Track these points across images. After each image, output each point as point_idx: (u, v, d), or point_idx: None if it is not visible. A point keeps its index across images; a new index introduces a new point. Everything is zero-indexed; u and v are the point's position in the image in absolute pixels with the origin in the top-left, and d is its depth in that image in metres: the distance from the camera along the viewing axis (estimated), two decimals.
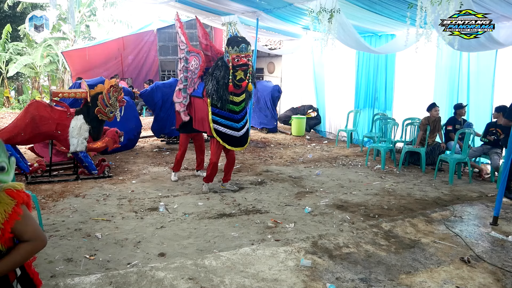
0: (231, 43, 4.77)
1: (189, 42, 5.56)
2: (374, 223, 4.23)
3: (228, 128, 5.00)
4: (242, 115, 5.08)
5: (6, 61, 16.52)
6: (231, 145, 5.08)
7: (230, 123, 4.99)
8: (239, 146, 5.15)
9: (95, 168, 5.84)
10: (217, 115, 4.99)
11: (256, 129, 10.56)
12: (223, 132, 5.01)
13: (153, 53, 14.72)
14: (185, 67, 5.46)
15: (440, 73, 7.35)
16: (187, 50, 5.44)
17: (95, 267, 3.22)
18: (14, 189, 1.52)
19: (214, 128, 5.00)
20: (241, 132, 5.08)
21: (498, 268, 3.31)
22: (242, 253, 3.43)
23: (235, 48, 4.72)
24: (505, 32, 5.52)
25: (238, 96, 4.93)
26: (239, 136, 5.07)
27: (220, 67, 4.88)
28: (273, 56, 12.64)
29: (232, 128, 5.01)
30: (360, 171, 6.67)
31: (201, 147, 6.07)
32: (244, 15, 8.23)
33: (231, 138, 5.04)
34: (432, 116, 6.63)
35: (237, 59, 4.71)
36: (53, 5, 6.07)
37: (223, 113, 4.97)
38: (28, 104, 5.71)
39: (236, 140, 5.08)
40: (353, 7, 6.07)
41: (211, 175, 5.33)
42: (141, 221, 4.27)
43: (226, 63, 4.86)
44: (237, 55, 4.71)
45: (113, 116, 5.83)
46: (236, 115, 5.01)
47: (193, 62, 5.34)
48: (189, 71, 5.42)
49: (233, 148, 5.13)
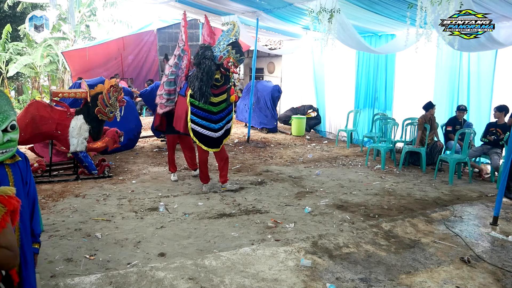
0: (236, 48, 4.80)
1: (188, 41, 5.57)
2: (374, 223, 4.23)
3: (204, 128, 5.01)
4: (221, 116, 5.07)
5: (6, 61, 16.51)
6: (207, 145, 5.10)
7: (206, 124, 5.01)
8: (215, 147, 5.16)
9: (95, 168, 5.84)
10: (195, 115, 5.00)
11: (256, 129, 10.56)
12: (199, 132, 5.03)
13: (153, 53, 14.72)
14: (176, 63, 5.48)
15: (440, 73, 7.35)
16: (183, 48, 5.46)
17: (95, 267, 3.22)
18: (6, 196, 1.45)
19: (192, 127, 5.03)
20: (219, 133, 5.08)
21: (498, 268, 3.31)
22: (242, 253, 3.43)
23: (237, 56, 4.79)
24: (505, 32, 5.52)
25: (216, 97, 4.95)
26: (215, 137, 5.08)
27: (206, 60, 4.81)
28: (273, 56, 12.65)
29: (209, 128, 5.02)
30: (360, 171, 6.67)
31: (189, 145, 6.00)
32: (244, 15, 8.24)
33: (208, 138, 5.06)
34: (428, 115, 6.66)
35: (232, 64, 4.79)
36: (53, 5, 6.09)
37: (201, 113, 4.98)
38: (28, 104, 5.71)
39: (212, 141, 5.09)
40: (353, 7, 6.07)
41: (203, 174, 5.39)
42: (141, 221, 4.27)
43: (214, 57, 4.83)
44: (234, 62, 4.79)
45: (113, 116, 5.83)
46: (214, 115, 5.01)
47: (185, 61, 5.38)
48: (180, 69, 5.46)
49: (208, 149, 5.13)
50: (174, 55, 5.54)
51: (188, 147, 6.01)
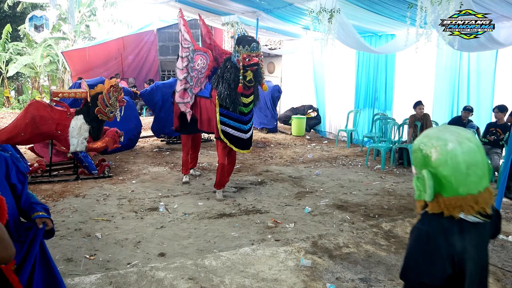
0: (242, 42, 4.61)
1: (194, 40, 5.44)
2: (374, 223, 4.23)
3: (235, 129, 4.88)
4: (250, 117, 4.97)
5: (6, 61, 16.51)
6: (238, 147, 4.96)
7: (238, 125, 4.87)
8: (245, 148, 5.02)
9: (95, 168, 5.84)
10: (225, 116, 4.86)
11: (256, 129, 10.56)
12: (230, 134, 4.89)
13: (153, 53, 14.73)
14: (190, 67, 5.26)
15: (440, 73, 7.34)
16: (192, 48, 5.23)
17: (95, 267, 3.22)
18: None
19: (222, 129, 4.88)
20: (248, 134, 4.97)
21: (498, 268, 3.31)
22: (242, 253, 3.43)
23: (246, 47, 4.56)
24: (505, 32, 5.51)
25: (247, 97, 4.82)
26: (246, 138, 4.96)
27: (229, 69, 4.71)
28: (273, 56, 12.64)
29: (240, 130, 4.89)
30: (360, 171, 6.67)
31: (197, 145, 6.03)
32: (244, 15, 8.23)
33: (238, 140, 4.92)
34: (418, 114, 6.70)
35: (248, 59, 4.56)
36: (53, 5, 6.07)
37: (232, 114, 4.84)
38: (28, 104, 5.71)
39: (243, 142, 4.96)
40: (353, 7, 6.06)
41: (221, 179, 5.13)
42: (141, 221, 4.27)
43: (235, 64, 4.70)
44: (248, 54, 4.55)
45: (113, 116, 5.83)
46: (245, 116, 4.89)
47: (200, 61, 5.16)
48: (195, 71, 5.21)
49: (240, 151, 5.00)
50: (182, 57, 5.31)
51: (196, 147, 6.03)
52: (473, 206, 1.28)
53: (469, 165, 1.26)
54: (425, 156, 1.31)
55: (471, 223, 1.29)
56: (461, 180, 1.26)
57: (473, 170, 1.26)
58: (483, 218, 1.29)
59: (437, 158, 1.28)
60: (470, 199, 1.27)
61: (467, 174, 1.26)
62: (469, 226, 1.29)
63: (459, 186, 1.27)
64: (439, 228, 1.28)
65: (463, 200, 1.27)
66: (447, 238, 1.27)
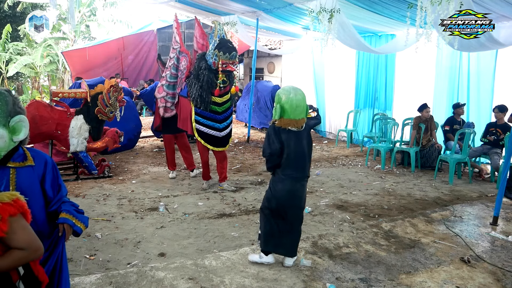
0: (223, 48, 4.82)
1: (183, 42, 5.65)
2: (374, 223, 4.23)
3: (209, 128, 5.09)
4: (225, 116, 5.16)
5: (6, 61, 16.50)
6: (213, 145, 5.19)
7: (211, 123, 5.09)
8: (221, 146, 5.25)
9: (95, 168, 5.84)
10: (199, 115, 5.08)
11: (256, 129, 10.56)
12: (204, 132, 5.11)
13: (153, 53, 14.69)
14: (175, 65, 5.58)
15: (440, 73, 7.34)
16: (179, 50, 5.54)
17: (95, 267, 3.22)
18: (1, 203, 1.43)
19: (196, 128, 5.11)
20: (223, 132, 5.17)
21: (498, 268, 3.31)
22: (242, 253, 3.43)
23: (227, 54, 4.82)
24: (505, 32, 5.51)
25: (221, 97, 5.05)
26: (220, 137, 5.16)
27: (203, 71, 4.94)
28: (273, 56, 12.65)
29: (214, 128, 5.10)
30: (360, 171, 6.67)
31: (185, 145, 6.07)
32: (244, 15, 8.23)
33: (213, 138, 5.14)
34: (423, 116, 6.67)
35: (225, 65, 4.83)
36: (53, 5, 6.09)
37: (205, 113, 5.06)
38: (28, 104, 5.71)
39: (218, 140, 5.18)
40: (353, 7, 6.06)
41: (205, 173, 5.50)
42: (141, 221, 4.27)
43: (210, 66, 4.93)
44: (226, 62, 4.82)
45: (113, 116, 5.83)
46: (218, 115, 5.10)
47: (183, 62, 5.44)
48: (179, 71, 5.54)
49: (214, 148, 5.22)
50: (170, 57, 5.61)
51: (184, 147, 6.07)
52: (294, 124, 3.02)
53: (297, 105, 2.96)
54: (279, 98, 3.00)
55: (292, 131, 3.03)
56: (292, 111, 2.96)
57: (298, 108, 2.97)
58: (297, 129, 3.05)
59: (284, 100, 2.97)
60: (294, 121, 3.00)
61: (295, 109, 2.96)
62: (291, 132, 3.03)
63: (291, 114, 2.97)
64: (277, 130, 3.02)
65: (291, 121, 2.99)
66: (279, 134, 3.00)
